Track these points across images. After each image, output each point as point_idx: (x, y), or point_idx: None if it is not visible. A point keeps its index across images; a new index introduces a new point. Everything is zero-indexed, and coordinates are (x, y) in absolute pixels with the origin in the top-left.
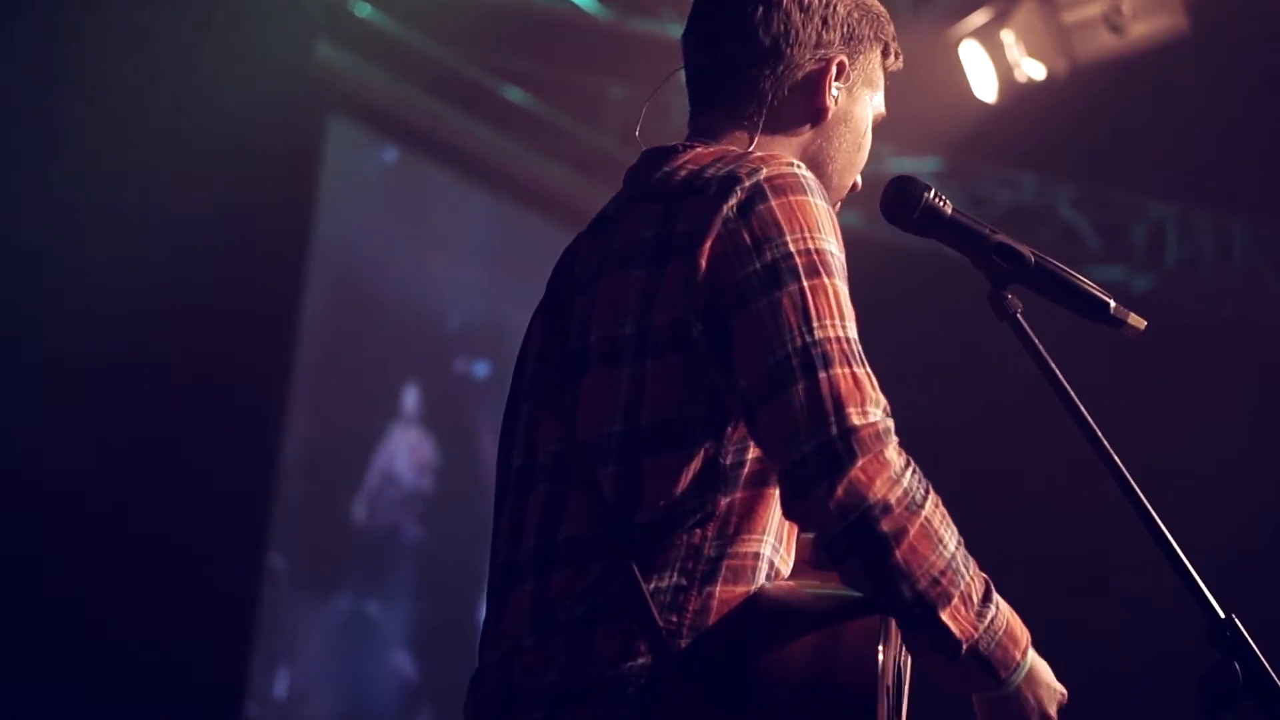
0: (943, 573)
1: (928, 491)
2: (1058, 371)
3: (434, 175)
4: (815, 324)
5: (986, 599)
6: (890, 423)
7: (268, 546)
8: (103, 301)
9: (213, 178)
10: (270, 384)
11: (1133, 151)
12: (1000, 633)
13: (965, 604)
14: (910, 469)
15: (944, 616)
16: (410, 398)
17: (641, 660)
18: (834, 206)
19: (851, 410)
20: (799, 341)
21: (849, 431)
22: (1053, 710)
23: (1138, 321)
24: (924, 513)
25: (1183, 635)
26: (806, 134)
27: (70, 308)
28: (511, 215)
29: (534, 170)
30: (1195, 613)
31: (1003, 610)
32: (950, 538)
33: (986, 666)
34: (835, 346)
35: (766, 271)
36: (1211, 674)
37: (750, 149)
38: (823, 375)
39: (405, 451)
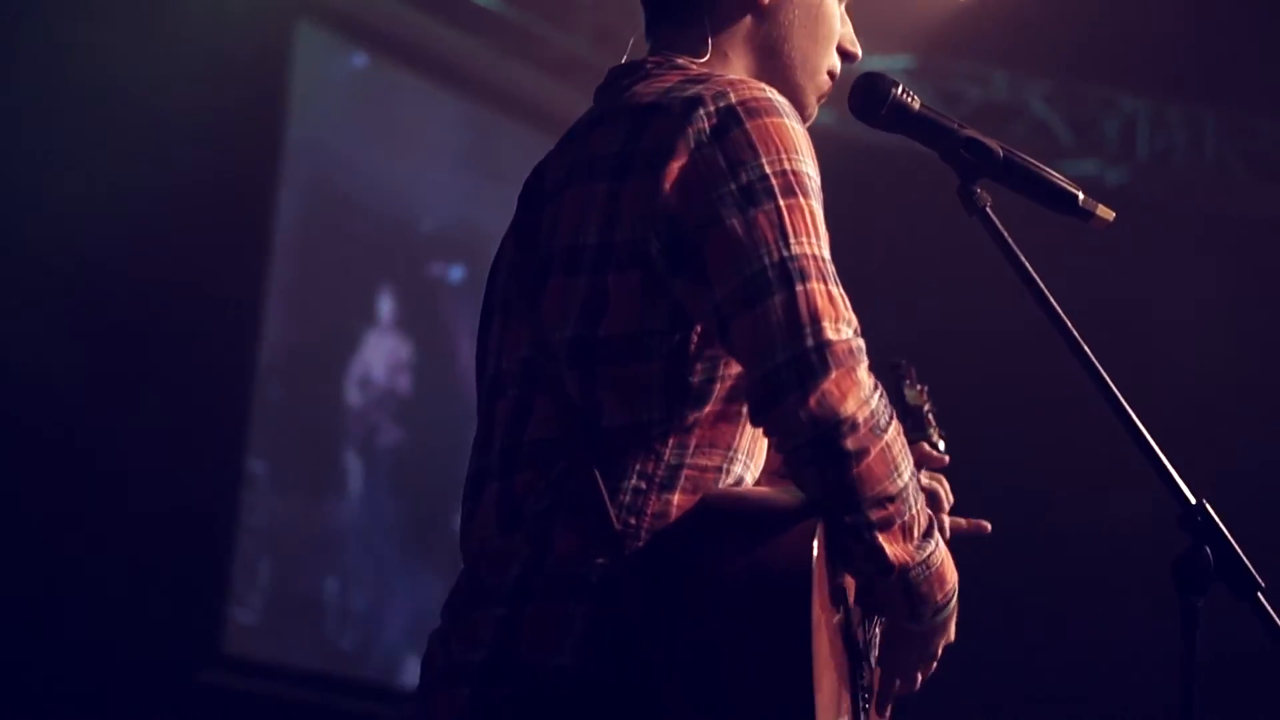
0: (892, 499)
1: (891, 417)
2: (1028, 264)
3: (404, 79)
4: (792, 240)
5: (927, 535)
6: (862, 343)
7: (246, 451)
8: (72, 210)
9: (181, 86)
10: (245, 290)
11: (1104, 46)
12: (932, 570)
13: (905, 533)
14: (878, 392)
15: (883, 538)
16: (385, 303)
17: (599, 560)
18: (821, 92)
19: (826, 324)
20: (776, 256)
21: (824, 345)
22: (938, 650)
23: (1106, 213)
24: (886, 437)
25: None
26: (750, 24)
27: (39, 217)
28: (482, 119)
29: (504, 73)
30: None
31: (939, 550)
32: (906, 468)
33: (909, 597)
34: (811, 263)
35: (743, 192)
36: (1183, 559)
37: (705, 57)
38: (799, 289)
39: (382, 356)
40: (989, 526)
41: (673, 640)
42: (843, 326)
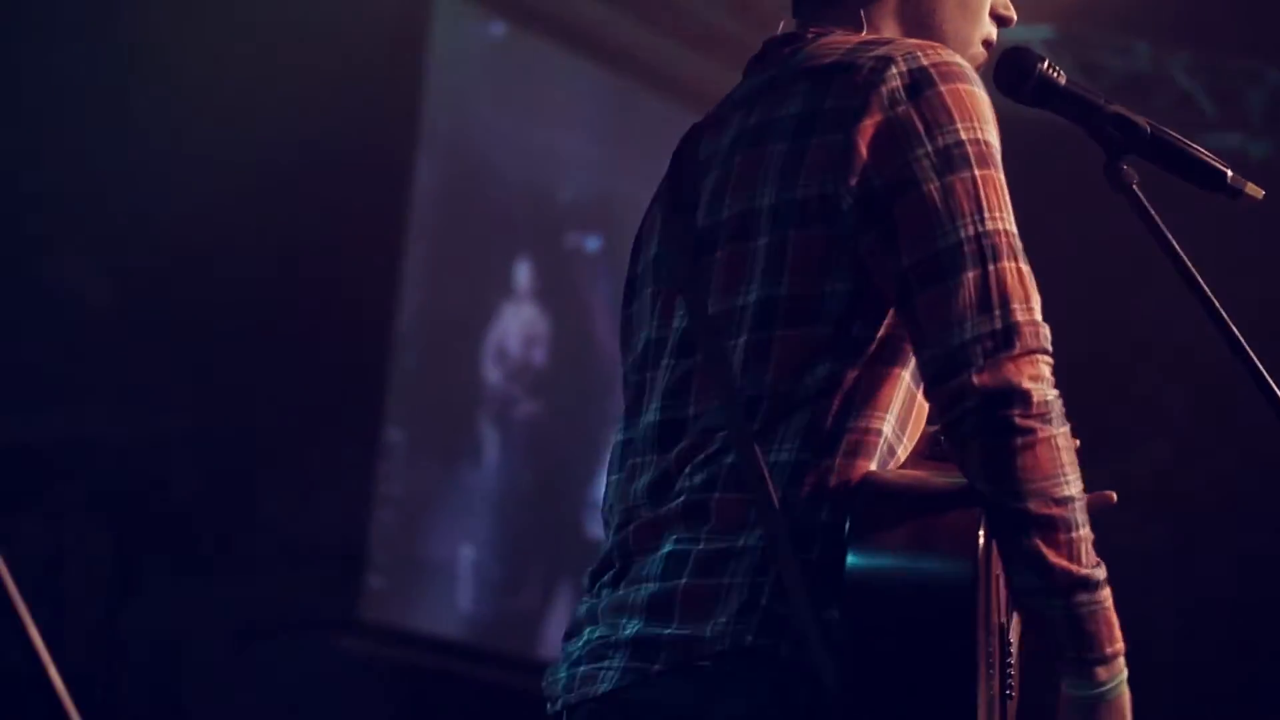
0: (1059, 502)
1: (1065, 423)
2: (1175, 243)
3: (542, 49)
4: (987, 214)
5: (1098, 564)
6: (1048, 331)
7: (384, 419)
8: (214, 182)
9: (319, 55)
10: (383, 258)
11: (1248, 16)
12: (1100, 607)
13: (1070, 550)
14: (1056, 393)
15: (1043, 543)
16: (523, 272)
17: (757, 532)
18: (977, 63)
19: (1016, 305)
20: (971, 230)
21: (1012, 326)
22: None
23: (1255, 190)
24: (1056, 431)
25: None
26: None
27: (177, 188)
28: (619, 88)
29: (641, 43)
30: None
31: (1108, 592)
32: (1075, 482)
33: (1074, 631)
34: (1004, 240)
35: (939, 155)
36: None
37: (863, 33)
38: (992, 267)
39: (518, 326)
40: (1114, 497)
41: (830, 618)
42: (1033, 307)
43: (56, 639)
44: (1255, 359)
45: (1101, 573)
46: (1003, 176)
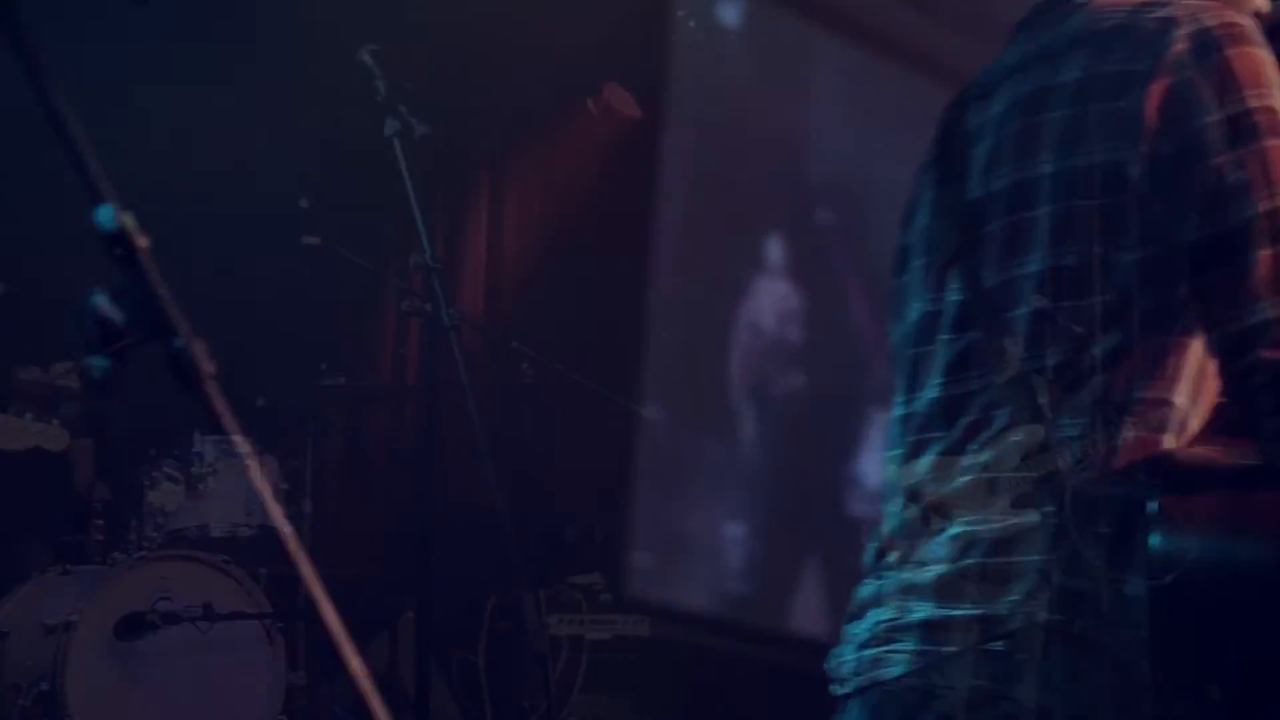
0: None
1: None
2: None
3: (787, 23)
4: (1279, 189)
5: None
6: None
7: (642, 396)
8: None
9: (564, 34)
10: (636, 236)
11: None
12: None
13: None
14: None
15: None
16: (774, 249)
17: (1047, 508)
18: None
19: None
20: (1263, 206)
21: None
22: None
23: None
24: None
25: None
26: None
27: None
28: (865, 63)
29: (885, 16)
30: None
31: None
32: None
33: None
34: None
35: (1230, 124)
36: None
37: None
38: None
39: (771, 303)
40: None
41: (1130, 595)
42: None
43: None
44: None
45: None
46: None
